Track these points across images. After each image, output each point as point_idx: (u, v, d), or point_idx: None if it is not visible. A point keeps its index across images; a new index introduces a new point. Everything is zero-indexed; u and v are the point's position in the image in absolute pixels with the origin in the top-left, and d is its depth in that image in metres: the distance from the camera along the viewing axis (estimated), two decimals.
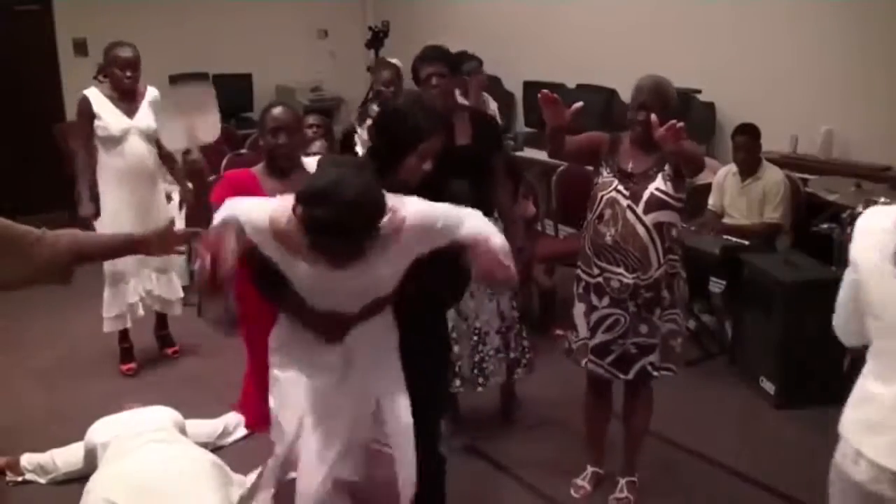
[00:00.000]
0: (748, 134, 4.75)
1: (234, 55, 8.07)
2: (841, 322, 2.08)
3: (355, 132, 4.22)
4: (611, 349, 3.04)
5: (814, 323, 3.92)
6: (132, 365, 4.52)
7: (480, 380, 3.58)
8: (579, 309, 3.11)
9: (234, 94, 8.11)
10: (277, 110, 2.86)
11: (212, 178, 4.68)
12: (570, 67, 6.61)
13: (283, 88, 8.44)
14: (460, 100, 3.89)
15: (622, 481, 3.26)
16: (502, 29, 7.32)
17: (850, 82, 5.11)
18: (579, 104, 2.82)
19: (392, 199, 2.14)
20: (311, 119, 4.37)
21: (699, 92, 5.70)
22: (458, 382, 3.56)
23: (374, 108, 4.23)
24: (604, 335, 3.03)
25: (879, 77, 5.00)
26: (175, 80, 7.95)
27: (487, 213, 3.49)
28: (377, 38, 7.57)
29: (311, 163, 2.99)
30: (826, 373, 4.02)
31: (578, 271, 3.12)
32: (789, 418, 3.92)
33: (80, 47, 7.44)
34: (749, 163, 4.75)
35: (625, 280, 2.95)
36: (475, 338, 3.55)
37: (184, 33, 7.83)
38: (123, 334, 4.50)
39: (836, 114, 5.19)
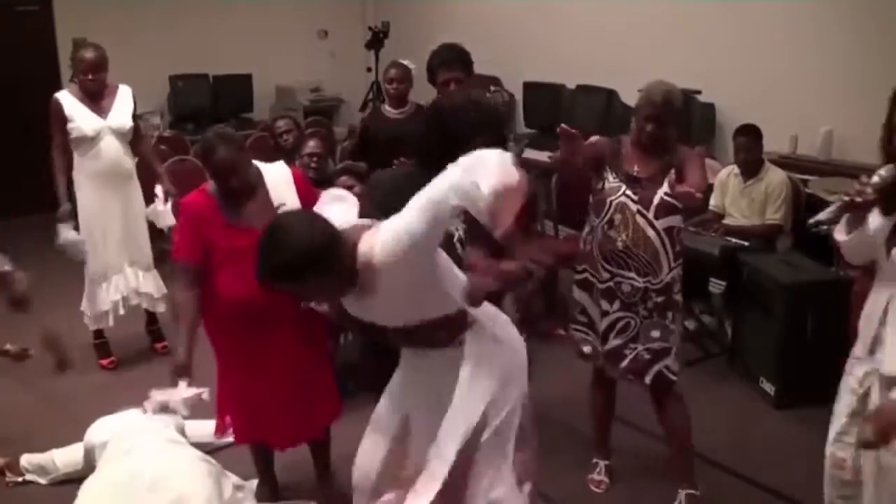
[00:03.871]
0: (749, 135, 4.73)
1: (234, 55, 8.06)
2: None
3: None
4: (623, 353, 3.04)
5: (814, 323, 3.93)
6: (112, 359, 4.53)
7: None
8: (592, 308, 3.10)
9: (234, 94, 8.13)
10: (221, 154, 2.68)
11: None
12: (570, 68, 6.62)
13: (283, 88, 8.43)
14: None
15: (682, 493, 3.18)
16: (502, 29, 7.33)
17: (850, 82, 5.11)
18: (594, 138, 2.82)
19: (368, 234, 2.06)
20: (281, 125, 4.07)
21: (699, 93, 5.69)
22: None
23: (387, 107, 4.18)
24: (615, 339, 3.04)
25: (879, 77, 4.96)
26: (175, 80, 7.98)
27: None
28: (377, 39, 7.59)
29: (269, 168, 2.87)
30: (826, 373, 4.00)
31: (586, 274, 3.10)
32: (789, 418, 3.91)
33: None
34: (750, 164, 4.74)
35: (636, 284, 2.96)
36: None
37: (184, 34, 7.83)
38: (98, 330, 4.52)
39: (835, 114, 5.19)
